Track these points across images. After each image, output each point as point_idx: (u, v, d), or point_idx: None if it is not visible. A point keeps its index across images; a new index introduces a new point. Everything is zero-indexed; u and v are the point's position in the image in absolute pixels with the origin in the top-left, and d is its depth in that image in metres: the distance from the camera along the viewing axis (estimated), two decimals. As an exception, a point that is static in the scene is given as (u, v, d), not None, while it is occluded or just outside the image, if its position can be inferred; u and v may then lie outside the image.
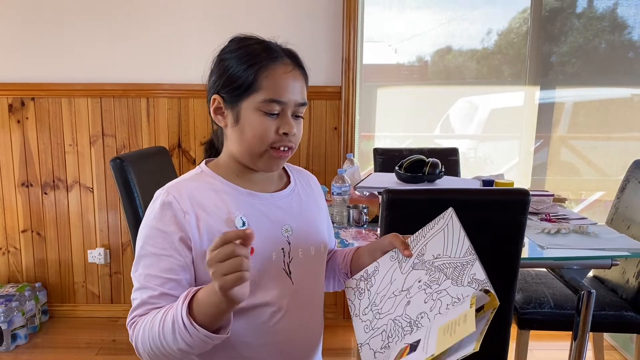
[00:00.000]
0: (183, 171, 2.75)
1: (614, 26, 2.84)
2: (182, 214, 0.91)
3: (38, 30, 2.65)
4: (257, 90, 0.93)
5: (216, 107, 0.98)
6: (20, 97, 2.70)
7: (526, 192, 1.42)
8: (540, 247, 1.61)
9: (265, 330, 0.97)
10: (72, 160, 2.76)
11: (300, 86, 0.97)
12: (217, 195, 0.96)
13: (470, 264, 0.86)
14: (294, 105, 0.96)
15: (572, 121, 2.95)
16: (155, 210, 0.93)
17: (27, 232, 2.83)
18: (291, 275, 0.99)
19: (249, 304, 0.94)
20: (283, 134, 0.95)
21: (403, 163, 2.05)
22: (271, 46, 0.97)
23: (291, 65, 0.96)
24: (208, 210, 0.93)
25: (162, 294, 0.89)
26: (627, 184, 2.15)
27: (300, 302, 1.01)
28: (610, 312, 1.93)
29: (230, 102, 0.96)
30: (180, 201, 0.92)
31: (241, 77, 0.94)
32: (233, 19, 2.65)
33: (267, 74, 0.93)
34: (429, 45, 2.89)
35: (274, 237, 0.98)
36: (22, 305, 2.60)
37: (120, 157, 1.87)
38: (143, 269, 0.91)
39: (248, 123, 0.95)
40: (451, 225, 0.92)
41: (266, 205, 1.00)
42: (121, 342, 2.64)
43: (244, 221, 0.95)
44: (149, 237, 0.92)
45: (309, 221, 1.06)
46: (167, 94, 2.71)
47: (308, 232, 1.04)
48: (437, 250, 0.92)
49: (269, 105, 0.93)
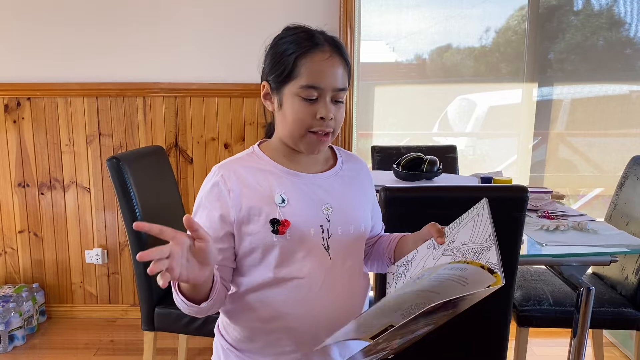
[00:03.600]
0: (180, 171, 2.76)
1: (612, 23, 2.84)
2: (227, 192, 1.01)
3: (34, 30, 2.64)
4: (297, 76, 0.99)
5: (265, 92, 1.05)
6: (16, 97, 2.69)
7: (524, 188, 1.42)
8: (539, 244, 1.61)
9: (305, 301, 1.02)
10: (68, 160, 2.75)
11: (338, 72, 1.01)
12: (261, 174, 1.04)
13: (488, 248, 0.89)
14: (332, 91, 1.00)
15: (570, 118, 2.94)
16: (206, 185, 1.04)
17: (24, 232, 2.82)
18: (329, 251, 1.04)
19: (287, 275, 1.02)
20: (320, 118, 1.00)
21: (401, 161, 2.04)
22: (314, 34, 1.02)
23: (329, 52, 1.00)
24: (251, 187, 1.02)
25: None
26: (625, 180, 2.14)
27: (337, 276, 1.05)
28: (610, 309, 1.92)
29: (276, 88, 1.02)
30: (227, 180, 1.01)
31: (283, 64, 1.00)
32: (230, 18, 2.65)
33: (305, 61, 0.98)
34: (427, 43, 2.89)
35: (313, 214, 1.04)
36: (20, 306, 2.58)
37: (117, 156, 1.87)
38: None
39: (289, 108, 1.01)
40: (481, 214, 0.96)
41: (308, 184, 1.06)
42: (119, 343, 2.63)
43: (283, 198, 1.02)
44: (198, 208, 1.04)
45: (350, 201, 1.10)
46: (163, 94, 2.70)
47: (348, 212, 1.08)
48: (465, 237, 0.96)
49: (307, 91, 0.98)
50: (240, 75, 0.90)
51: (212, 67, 2.69)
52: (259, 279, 1.03)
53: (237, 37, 2.66)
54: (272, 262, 1.01)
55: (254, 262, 1.03)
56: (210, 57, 2.68)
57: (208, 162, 2.76)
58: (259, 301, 1.03)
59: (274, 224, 0.99)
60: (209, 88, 2.69)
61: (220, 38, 2.67)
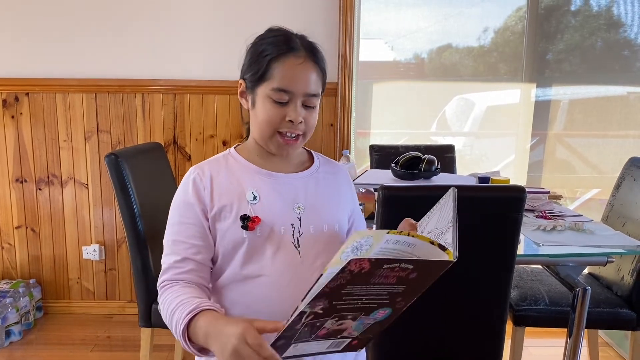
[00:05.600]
0: (179, 168, 2.76)
1: (610, 24, 2.85)
2: (203, 189, 1.04)
3: (33, 25, 2.63)
4: (269, 78, 1.00)
5: (241, 90, 1.08)
6: (15, 92, 2.68)
7: (522, 188, 1.42)
8: (536, 244, 1.61)
9: (272, 299, 1.02)
10: (66, 156, 2.75)
11: (311, 77, 1.02)
12: (234, 174, 1.07)
13: (447, 230, 0.89)
14: (303, 95, 1.01)
15: (568, 119, 2.95)
16: (182, 185, 1.07)
17: (22, 228, 2.82)
18: (299, 249, 1.05)
19: (253, 272, 1.02)
20: (289, 121, 1.01)
21: (399, 160, 2.04)
22: (292, 37, 1.03)
23: (304, 57, 1.01)
24: (223, 186, 1.05)
25: (184, 259, 1.02)
26: (622, 181, 2.15)
27: (307, 275, 1.03)
28: (605, 309, 1.93)
29: (250, 87, 1.05)
30: (202, 177, 1.05)
31: (257, 65, 1.02)
32: (229, 15, 2.64)
33: (279, 64, 1.00)
34: (426, 43, 2.89)
35: (284, 212, 1.05)
36: (16, 301, 2.58)
37: (115, 153, 1.86)
38: (170, 236, 1.05)
39: (260, 108, 1.03)
40: (445, 202, 0.98)
41: (280, 183, 1.08)
42: (116, 339, 2.63)
43: (254, 195, 1.04)
44: (177, 208, 1.05)
45: (324, 201, 1.11)
46: (162, 90, 2.69)
47: (321, 211, 1.09)
48: (432, 225, 0.97)
49: (278, 94, 1.00)
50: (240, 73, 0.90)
51: (212, 64, 2.68)
52: (229, 275, 1.04)
53: (237, 34, 2.64)
54: (240, 259, 1.02)
55: (223, 259, 1.04)
56: (209, 54, 2.68)
57: (206, 159, 2.76)
58: (229, 300, 1.04)
59: (244, 219, 1.01)
60: (208, 85, 2.68)
61: (220, 35, 2.66)
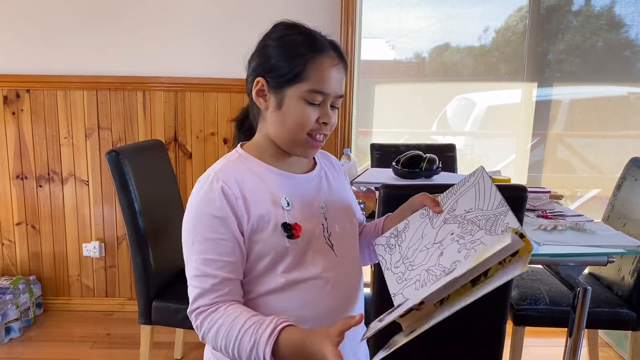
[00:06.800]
0: (179, 165, 2.75)
1: (611, 24, 2.85)
2: (235, 199, 0.96)
3: (34, 22, 2.63)
4: (304, 80, 0.97)
5: (259, 89, 1.01)
6: (16, 88, 2.68)
7: (523, 188, 1.42)
8: (537, 243, 1.61)
9: (320, 300, 1.01)
10: (67, 153, 2.74)
11: (342, 78, 1.02)
12: (258, 178, 1.01)
13: (504, 214, 0.89)
14: (334, 97, 1.00)
15: (568, 119, 2.95)
16: (206, 195, 0.96)
17: (22, 224, 2.81)
18: (334, 248, 1.05)
19: (301, 277, 1.00)
20: (322, 123, 1.00)
21: (400, 159, 2.04)
22: (317, 37, 1.01)
23: (337, 58, 1.00)
24: (254, 192, 0.99)
25: (223, 280, 0.95)
26: (623, 181, 2.15)
27: (343, 272, 1.06)
28: (606, 309, 1.94)
29: (275, 87, 0.99)
30: (230, 186, 0.97)
31: (289, 65, 0.97)
32: (230, 13, 2.64)
33: (315, 66, 0.97)
34: (427, 42, 2.89)
35: (314, 214, 1.04)
36: (16, 298, 2.58)
37: (116, 150, 1.87)
38: (200, 254, 0.95)
39: (291, 110, 0.99)
40: (482, 182, 0.97)
41: (302, 185, 1.06)
42: (115, 336, 2.63)
43: (288, 201, 1.01)
44: (204, 224, 0.95)
45: (339, 197, 1.12)
46: (163, 87, 2.69)
47: (340, 207, 1.10)
48: (469, 205, 0.96)
49: (313, 96, 0.98)
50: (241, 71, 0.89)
51: (213, 62, 2.68)
52: (269, 285, 0.99)
53: (238, 32, 2.65)
54: (283, 267, 0.99)
55: (263, 269, 0.99)
56: (210, 52, 2.68)
57: (207, 157, 2.76)
58: (269, 310, 0.97)
59: (287, 228, 0.98)
60: (209, 83, 2.68)
61: (221, 33, 2.66)
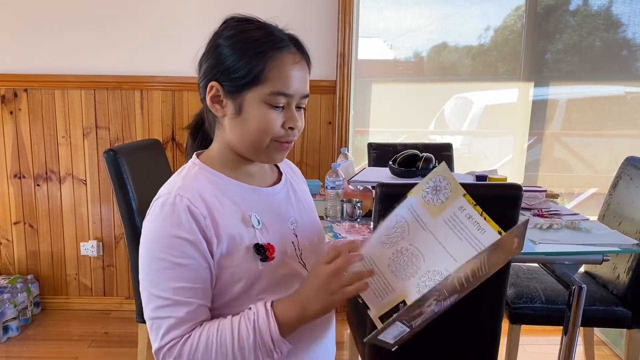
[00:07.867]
0: (177, 164, 2.75)
1: (609, 24, 2.85)
2: (203, 219, 0.85)
3: (31, 21, 2.63)
4: (264, 81, 0.88)
5: (214, 95, 0.91)
6: (13, 88, 2.68)
7: (519, 186, 1.43)
8: (533, 242, 1.62)
9: None
10: (65, 152, 2.75)
11: (305, 76, 0.93)
12: (223, 194, 0.91)
13: None
14: (299, 97, 0.92)
15: (565, 118, 2.96)
16: (170, 216, 0.85)
17: (20, 224, 2.82)
18: (307, 267, 0.97)
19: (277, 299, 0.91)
20: (289, 128, 0.91)
21: (397, 158, 2.05)
22: (275, 32, 0.92)
23: (298, 55, 0.91)
24: (221, 210, 0.88)
25: (198, 306, 0.85)
26: (619, 180, 2.16)
27: None
28: (601, 308, 1.94)
29: (232, 91, 0.90)
30: (196, 205, 0.86)
31: (246, 66, 0.88)
32: (227, 11, 2.62)
33: (274, 65, 0.88)
34: (425, 41, 2.90)
35: (284, 232, 0.96)
36: (14, 297, 2.59)
37: (114, 149, 1.87)
38: (168, 282, 0.84)
39: (252, 115, 0.89)
40: None
41: (270, 200, 0.97)
42: (113, 335, 2.64)
43: (258, 219, 0.92)
44: (171, 248, 0.84)
45: (307, 210, 1.05)
46: (161, 87, 2.70)
47: (308, 222, 1.02)
48: None
49: (275, 98, 0.88)
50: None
51: (210, 61, 2.68)
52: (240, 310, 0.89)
53: (236, 32, 2.65)
54: (257, 290, 0.89)
55: (237, 293, 0.89)
56: (208, 51, 2.68)
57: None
58: None
59: (260, 250, 0.89)
60: (206, 82, 2.68)
61: (219, 32, 2.66)
